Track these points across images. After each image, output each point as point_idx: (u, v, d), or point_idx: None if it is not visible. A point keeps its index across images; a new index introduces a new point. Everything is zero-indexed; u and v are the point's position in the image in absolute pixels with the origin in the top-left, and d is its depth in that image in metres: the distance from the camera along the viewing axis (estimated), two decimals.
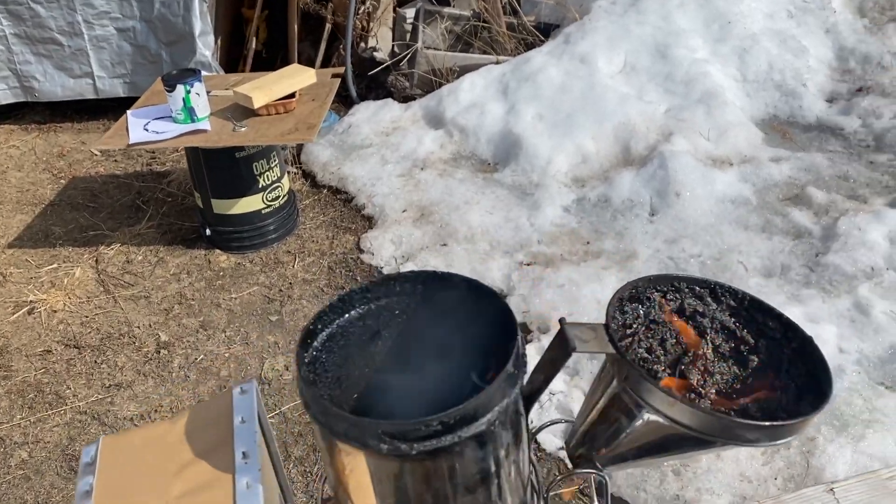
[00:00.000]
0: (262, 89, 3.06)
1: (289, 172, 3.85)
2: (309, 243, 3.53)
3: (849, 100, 4.05)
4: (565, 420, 0.88)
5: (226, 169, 3.23)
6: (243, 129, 3.00)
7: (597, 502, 0.78)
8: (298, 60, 4.53)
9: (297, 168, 4.08)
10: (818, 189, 3.40)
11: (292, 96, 3.11)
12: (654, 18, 4.31)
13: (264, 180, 3.30)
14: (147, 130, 3.04)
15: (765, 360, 0.74)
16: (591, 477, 0.77)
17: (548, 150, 3.76)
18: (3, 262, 3.55)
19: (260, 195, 3.32)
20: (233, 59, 4.79)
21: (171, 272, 3.39)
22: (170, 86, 2.97)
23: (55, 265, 3.50)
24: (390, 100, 4.41)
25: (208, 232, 3.41)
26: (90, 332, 3.08)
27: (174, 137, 2.99)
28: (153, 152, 4.33)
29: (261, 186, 3.31)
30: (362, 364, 0.80)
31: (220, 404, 0.83)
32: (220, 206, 3.32)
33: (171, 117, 3.07)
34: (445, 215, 3.50)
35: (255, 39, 4.73)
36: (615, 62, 4.20)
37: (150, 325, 3.09)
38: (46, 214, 3.90)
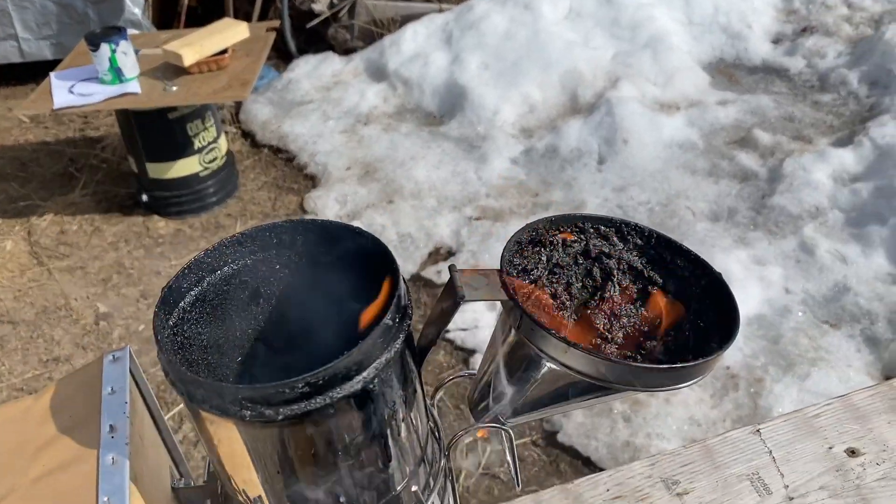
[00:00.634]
0: (193, 46, 2.93)
1: (227, 133, 3.72)
2: (251, 205, 3.42)
3: (794, 40, 4.03)
4: (469, 374, 0.83)
5: (158, 131, 3.10)
6: (174, 88, 2.88)
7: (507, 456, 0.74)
8: (235, 15, 4.35)
9: (235, 128, 3.94)
10: (764, 131, 3.38)
11: (224, 52, 2.99)
12: None
13: (200, 141, 3.18)
14: (73, 93, 2.90)
15: (673, 299, 0.69)
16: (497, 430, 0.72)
17: (494, 101, 3.68)
18: None
19: (196, 157, 3.20)
20: (166, 17, 4.58)
21: (108, 241, 3.26)
22: (94, 45, 2.83)
23: None
24: (331, 53, 4.27)
25: (145, 198, 3.28)
26: (24, 307, 2.96)
27: (102, 101, 2.86)
28: (85, 116, 4.14)
29: (196, 148, 3.18)
30: (244, 326, 0.74)
31: (88, 375, 0.77)
32: (156, 171, 3.20)
33: (97, 79, 2.92)
34: (391, 171, 3.41)
35: None
36: (560, 8, 4.11)
37: (88, 297, 2.98)
38: None
